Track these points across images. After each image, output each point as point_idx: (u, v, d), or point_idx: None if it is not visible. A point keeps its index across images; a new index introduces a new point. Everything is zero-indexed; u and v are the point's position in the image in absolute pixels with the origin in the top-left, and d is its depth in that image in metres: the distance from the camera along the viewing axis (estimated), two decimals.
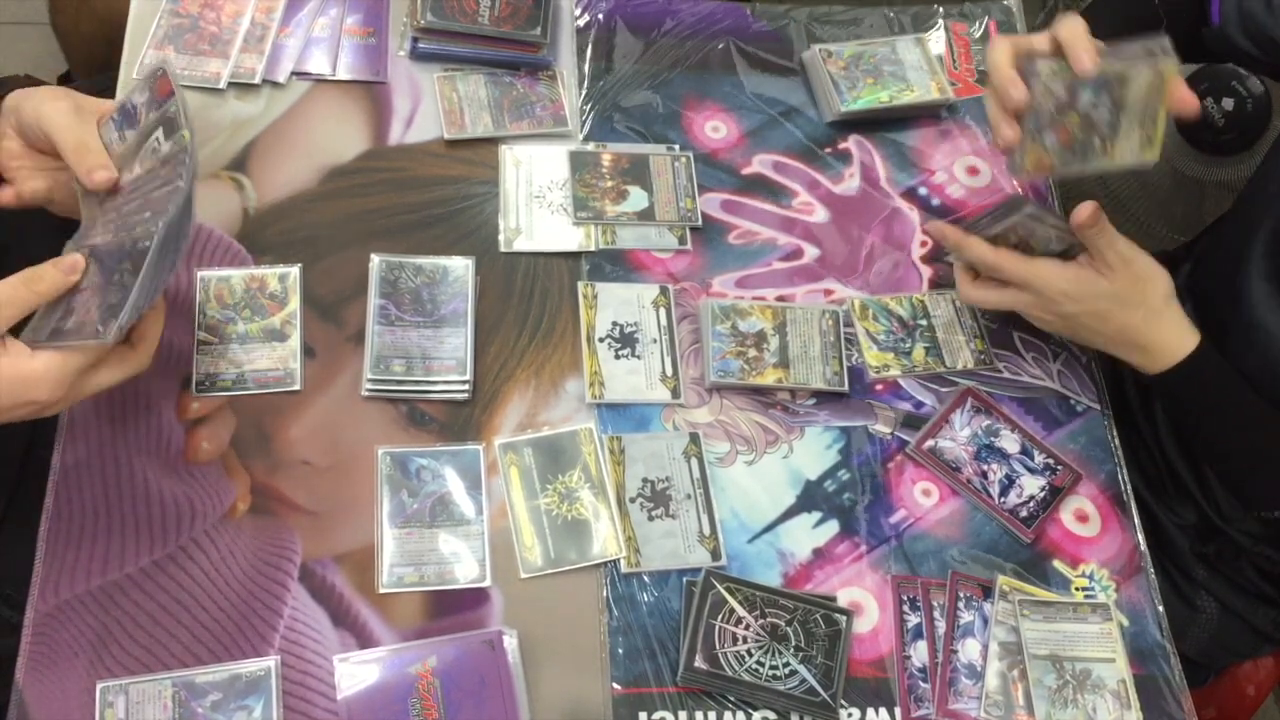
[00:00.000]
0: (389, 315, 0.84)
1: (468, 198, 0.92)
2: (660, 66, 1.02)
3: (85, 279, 0.67)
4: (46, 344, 0.65)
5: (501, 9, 0.96)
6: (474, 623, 0.75)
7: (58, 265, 0.67)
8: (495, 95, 0.96)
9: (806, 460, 0.85)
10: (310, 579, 0.75)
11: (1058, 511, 0.86)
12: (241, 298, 0.83)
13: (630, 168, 0.95)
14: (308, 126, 0.92)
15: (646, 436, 0.84)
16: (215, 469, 0.78)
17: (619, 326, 0.87)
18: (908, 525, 0.84)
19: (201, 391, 0.80)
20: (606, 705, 0.74)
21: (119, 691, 0.69)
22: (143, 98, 0.72)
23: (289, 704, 0.71)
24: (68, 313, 0.66)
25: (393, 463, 0.79)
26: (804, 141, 1.01)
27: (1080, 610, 0.80)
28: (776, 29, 1.07)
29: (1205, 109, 1.45)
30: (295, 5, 0.97)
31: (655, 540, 0.80)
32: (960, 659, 0.78)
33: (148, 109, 0.72)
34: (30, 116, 0.72)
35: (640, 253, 0.92)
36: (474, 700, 0.72)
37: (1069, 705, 0.76)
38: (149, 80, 0.73)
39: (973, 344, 0.92)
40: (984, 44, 1.08)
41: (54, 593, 0.72)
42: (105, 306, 0.64)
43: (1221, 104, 1.44)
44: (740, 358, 0.87)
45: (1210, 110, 1.45)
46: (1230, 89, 1.44)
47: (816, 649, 0.76)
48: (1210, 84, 1.45)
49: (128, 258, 0.65)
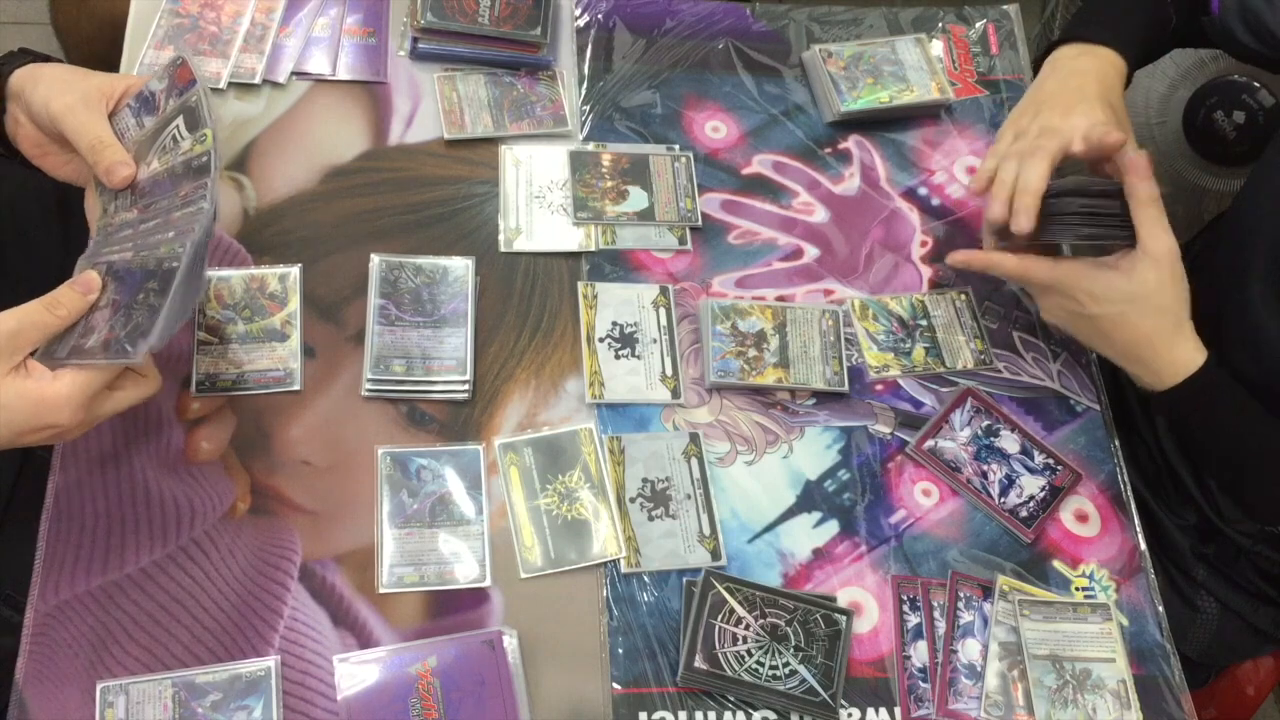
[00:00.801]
0: (389, 315, 0.84)
1: (468, 198, 0.92)
2: (660, 66, 1.02)
3: (103, 296, 0.66)
4: (68, 361, 0.63)
5: (501, 9, 0.96)
6: (474, 623, 0.75)
7: (74, 286, 0.66)
8: (495, 95, 0.96)
9: (806, 460, 0.85)
10: (310, 579, 0.75)
11: (1058, 511, 0.86)
12: (241, 298, 0.83)
13: (630, 168, 0.95)
14: (308, 126, 0.93)
15: (646, 436, 0.84)
16: (215, 469, 0.78)
17: (619, 326, 0.87)
18: (908, 525, 0.84)
19: (201, 391, 0.80)
20: (606, 705, 0.74)
21: (119, 691, 0.69)
22: (161, 85, 0.72)
23: (289, 704, 0.71)
24: (87, 331, 0.65)
25: (393, 463, 0.79)
26: (804, 141, 1.01)
27: (1080, 610, 0.80)
28: (776, 29, 1.07)
29: (1216, 122, 1.45)
30: (295, 5, 0.97)
31: (655, 540, 0.80)
32: (960, 659, 0.78)
33: (167, 96, 0.71)
34: (40, 109, 0.71)
35: (640, 253, 0.92)
36: (474, 700, 0.72)
37: (1069, 705, 0.76)
38: (169, 68, 0.72)
39: (973, 344, 0.92)
40: (982, 47, 1.08)
41: (54, 593, 0.72)
42: (132, 325, 0.63)
43: (1232, 117, 1.44)
44: (740, 358, 0.87)
45: (1221, 123, 1.45)
46: (1241, 102, 1.44)
47: (816, 649, 0.76)
48: (1220, 97, 1.45)
49: (153, 277, 0.64)
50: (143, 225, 0.69)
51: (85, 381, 0.63)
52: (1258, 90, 1.43)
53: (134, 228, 0.69)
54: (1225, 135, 1.46)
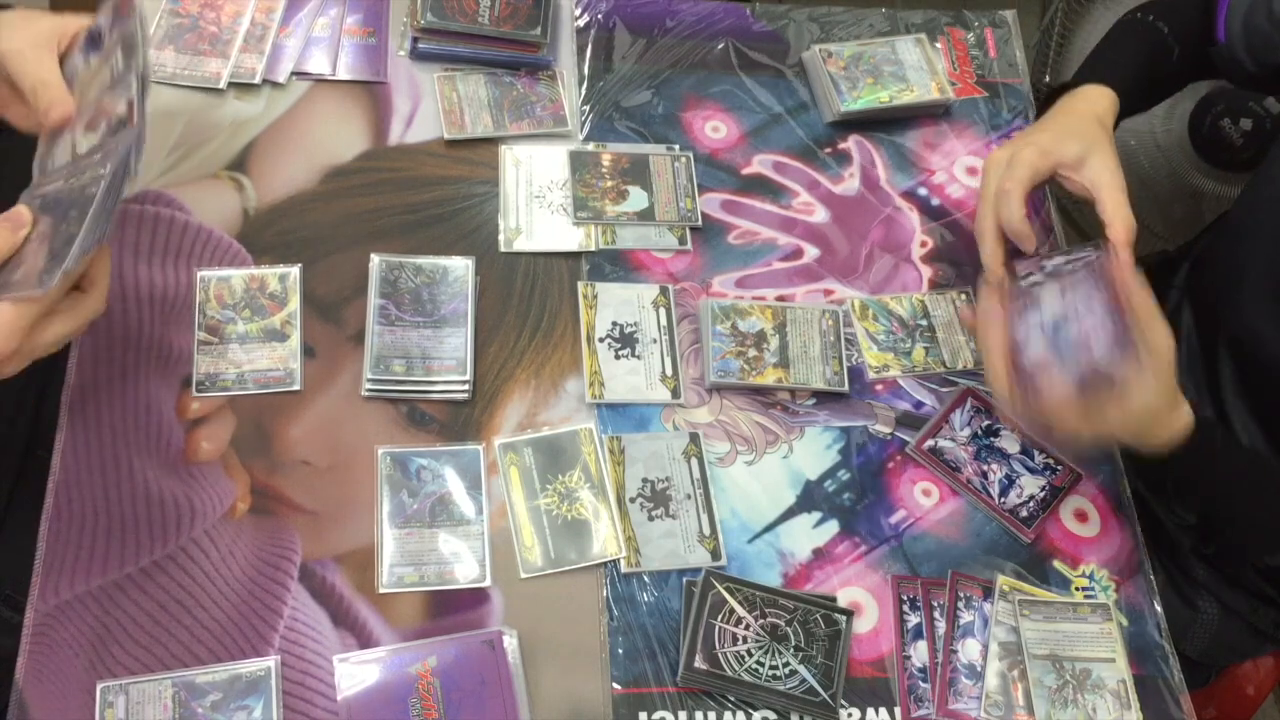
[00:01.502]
0: (389, 315, 0.84)
1: (468, 198, 0.92)
2: (660, 66, 1.02)
3: (35, 229, 0.65)
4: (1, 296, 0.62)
5: (501, 9, 0.96)
6: (474, 623, 0.75)
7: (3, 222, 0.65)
8: (495, 95, 0.96)
9: (806, 460, 0.85)
10: (310, 579, 0.75)
11: (1058, 511, 0.86)
12: (241, 298, 0.83)
13: (630, 168, 0.95)
14: (308, 126, 0.92)
15: (646, 436, 0.84)
16: (215, 469, 0.78)
17: (619, 326, 0.87)
18: (908, 525, 0.84)
19: (201, 391, 0.80)
20: (606, 705, 0.74)
21: (119, 691, 0.69)
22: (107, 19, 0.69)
23: (289, 704, 0.71)
24: (16, 264, 0.64)
25: (393, 463, 0.79)
26: (804, 141, 1.01)
27: (1080, 610, 0.80)
28: (776, 29, 1.07)
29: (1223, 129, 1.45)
30: (295, 5, 0.97)
31: (655, 540, 0.80)
32: (960, 659, 0.78)
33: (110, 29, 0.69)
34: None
35: (640, 253, 0.92)
36: (474, 700, 0.72)
37: (1069, 705, 0.76)
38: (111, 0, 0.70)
39: (972, 344, 0.92)
40: (981, 50, 1.09)
41: (54, 593, 0.72)
42: (49, 255, 0.62)
43: (1239, 124, 1.44)
44: (740, 358, 0.87)
45: (1228, 130, 1.45)
46: (1248, 109, 1.44)
47: (816, 649, 0.76)
48: (1227, 104, 1.45)
49: (74, 205, 0.63)
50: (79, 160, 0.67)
51: (16, 311, 0.62)
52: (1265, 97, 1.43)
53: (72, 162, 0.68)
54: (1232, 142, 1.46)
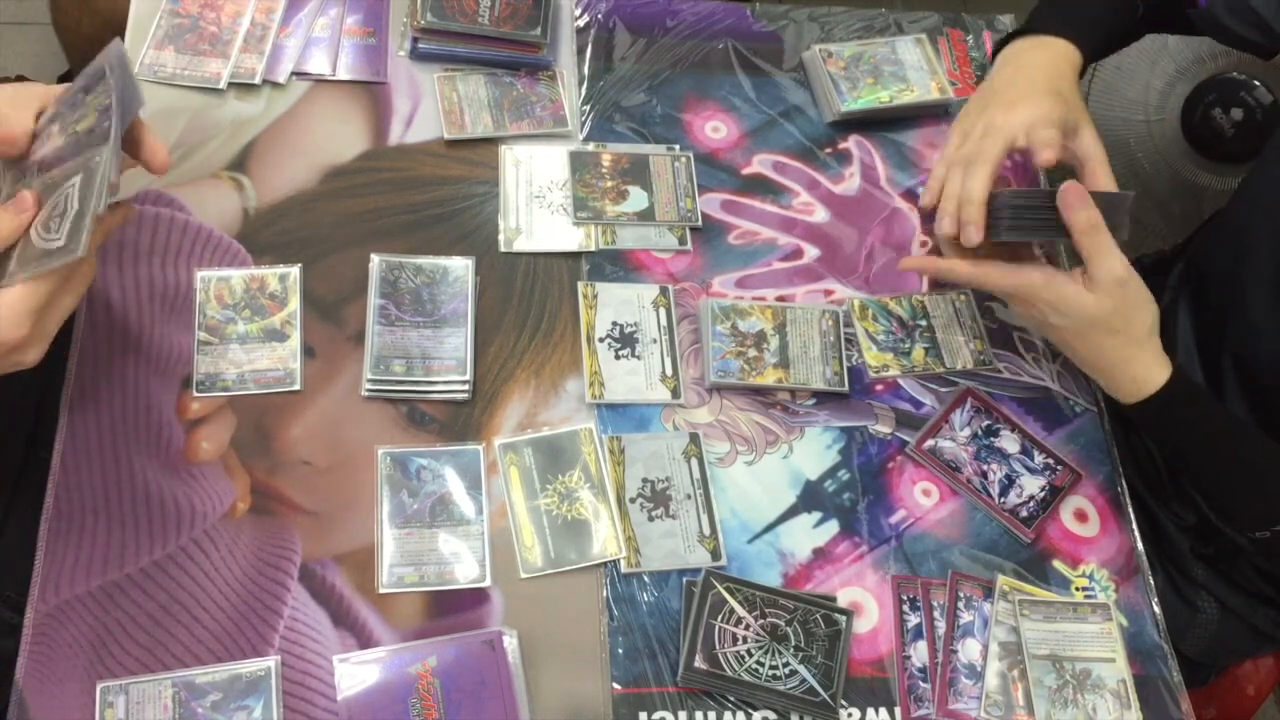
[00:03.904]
0: (389, 315, 0.84)
1: (468, 198, 0.92)
2: (660, 66, 1.02)
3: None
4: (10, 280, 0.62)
5: (501, 9, 0.96)
6: (474, 623, 0.75)
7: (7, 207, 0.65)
8: (495, 95, 0.96)
9: (806, 460, 0.85)
10: (310, 579, 0.75)
11: (1058, 511, 0.86)
12: (241, 298, 0.83)
13: (630, 168, 0.95)
14: (308, 127, 0.92)
15: (646, 436, 0.84)
16: (215, 469, 0.78)
17: (619, 326, 0.87)
18: (908, 525, 0.84)
19: (201, 391, 0.80)
20: (606, 705, 0.74)
21: (119, 691, 0.69)
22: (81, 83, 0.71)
23: (289, 704, 0.71)
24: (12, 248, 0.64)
25: (393, 463, 0.79)
26: (804, 141, 1.01)
27: (1080, 610, 0.80)
28: (776, 29, 1.07)
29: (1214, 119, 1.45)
30: (295, 5, 0.97)
31: (655, 540, 0.80)
32: (960, 659, 0.78)
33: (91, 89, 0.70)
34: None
35: (640, 253, 0.92)
36: (474, 700, 0.72)
37: (1069, 705, 0.76)
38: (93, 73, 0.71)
39: (972, 344, 0.92)
40: (980, 53, 1.09)
41: (54, 593, 0.72)
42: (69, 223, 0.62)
43: (1230, 114, 1.44)
44: (740, 358, 0.87)
45: (1219, 120, 1.45)
46: (1239, 99, 1.44)
47: (816, 649, 0.76)
48: (1219, 94, 1.45)
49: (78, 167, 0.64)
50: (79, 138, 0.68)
51: (29, 291, 0.62)
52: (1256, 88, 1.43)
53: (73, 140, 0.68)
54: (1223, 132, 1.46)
